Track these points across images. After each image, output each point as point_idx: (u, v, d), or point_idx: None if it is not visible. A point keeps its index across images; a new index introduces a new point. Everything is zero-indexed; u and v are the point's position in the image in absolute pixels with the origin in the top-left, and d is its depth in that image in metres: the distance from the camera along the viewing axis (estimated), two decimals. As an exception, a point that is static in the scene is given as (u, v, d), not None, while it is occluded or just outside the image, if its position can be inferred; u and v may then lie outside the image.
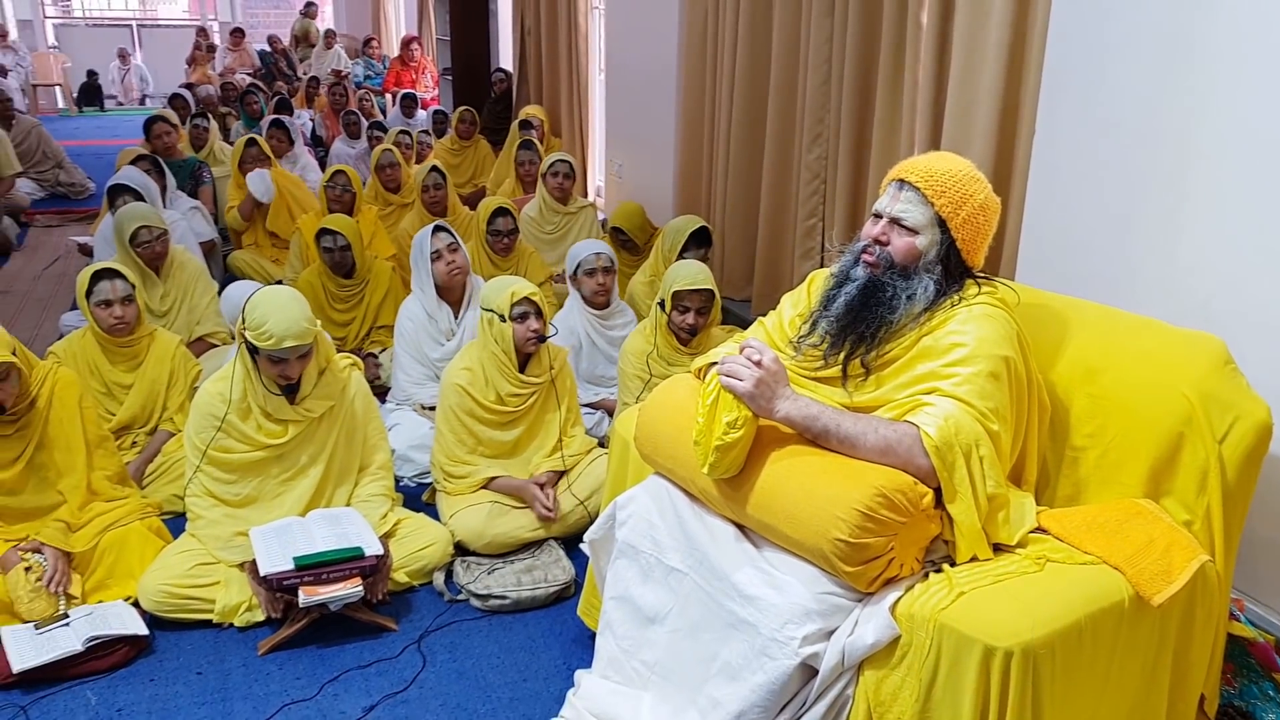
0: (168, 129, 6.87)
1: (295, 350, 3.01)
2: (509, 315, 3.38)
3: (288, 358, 3.02)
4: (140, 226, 4.39)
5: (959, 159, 2.25)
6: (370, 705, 2.71)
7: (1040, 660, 1.82)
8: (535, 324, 3.41)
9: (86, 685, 2.77)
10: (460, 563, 3.29)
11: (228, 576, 3.05)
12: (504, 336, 3.41)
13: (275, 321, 2.96)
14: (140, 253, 4.40)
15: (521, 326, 3.39)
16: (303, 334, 2.99)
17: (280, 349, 2.98)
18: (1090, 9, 2.69)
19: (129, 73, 16.02)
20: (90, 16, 18.32)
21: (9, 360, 2.92)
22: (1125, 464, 2.23)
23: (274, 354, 3.00)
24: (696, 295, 3.74)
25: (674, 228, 4.72)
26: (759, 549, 2.18)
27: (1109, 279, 2.69)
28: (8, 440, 3.04)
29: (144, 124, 6.94)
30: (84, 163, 9.46)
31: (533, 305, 3.41)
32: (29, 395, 3.05)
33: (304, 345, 3.02)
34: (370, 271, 4.97)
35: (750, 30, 5.04)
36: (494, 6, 10.30)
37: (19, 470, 3.07)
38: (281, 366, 3.04)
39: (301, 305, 3.05)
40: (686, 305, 3.74)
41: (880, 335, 2.21)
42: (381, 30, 15.33)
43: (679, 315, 3.75)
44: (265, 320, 2.97)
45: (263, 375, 3.09)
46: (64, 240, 7.35)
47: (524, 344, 3.42)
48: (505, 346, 3.42)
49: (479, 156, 8.18)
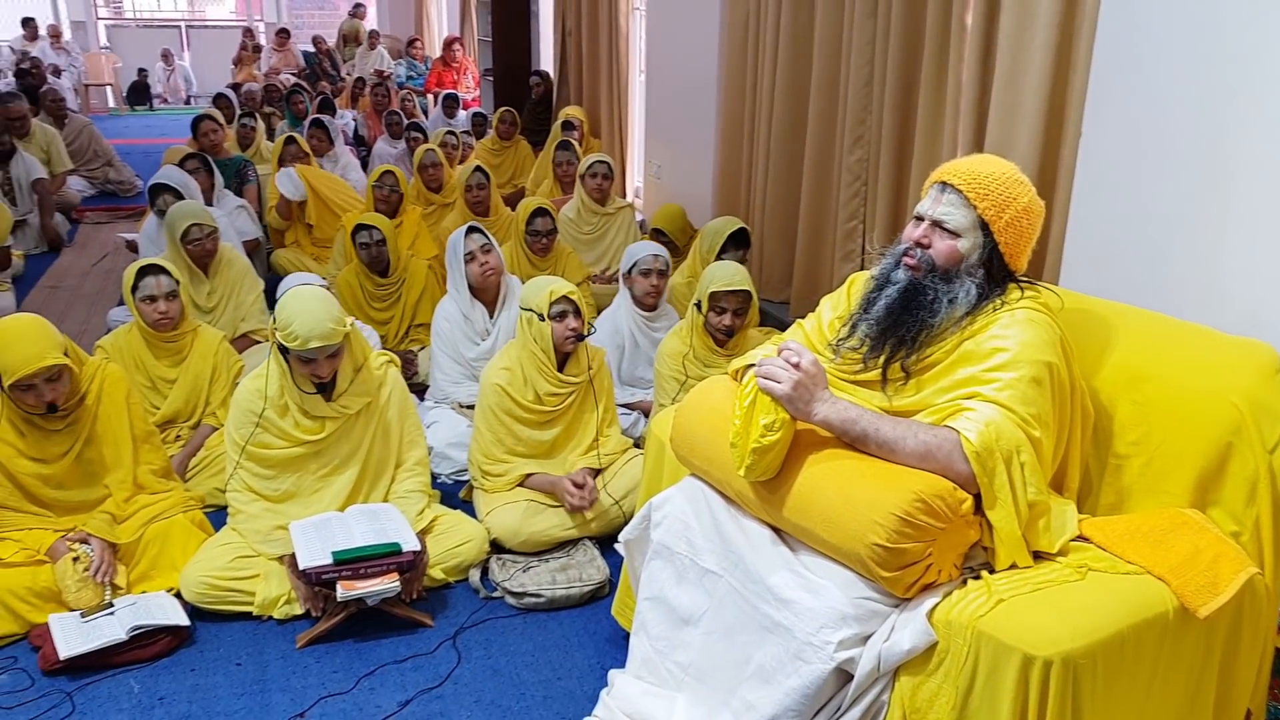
0: (214, 127, 6.95)
1: (322, 350, 3.03)
2: (548, 314, 3.39)
3: (315, 358, 3.04)
4: (192, 224, 4.45)
5: (1003, 162, 2.22)
6: (405, 700, 2.73)
7: (1081, 671, 1.79)
8: (574, 323, 3.41)
9: (130, 674, 2.80)
10: (496, 560, 3.30)
11: (267, 570, 3.07)
12: (543, 335, 3.42)
13: (300, 323, 2.98)
14: (190, 250, 4.46)
15: (560, 325, 3.40)
16: (327, 335, 3.00)
17: (306, 350, 3.00)
18: (1140, 9, 2.66)
19: (173, 73, 16.22)
20: (140, 18, 18.57)
21: (61, 361, 2.96)
22: (1171, 473, 2.20)
23: (302, 354, 3.02)
24: (734, 296, 3.73)
25: (712, 229, 4.71)
26: (795, 552, 2.16)
27: (1154, 284, 2.66)
28: (57, 435, 3.09)
29: (191, 123, 7.04)
30: (133, 161, 9.58)
31: (571, 304, 3.42)
32: (79, 393, 3.09)
33: (330, 346, 3.04)
34: (406, 270, 5.00)
35: (792, 31, 5.02)
36: (535, 8, 10.33)
37: (67, 464, 3.11)
38: (311, 366, 3.06)
39: (328, 306, 3.06)
40: (723, 306, 3.73)
41: (921, 339, 2.18)
42: (424, 31, 15.42)
43: (716, 316, 3.74)
44: (291, 321, 2.99)
45: (295, 374, 3.12)
46: (112, 237, 7.44)
47: (562, 343, 3.43)
48: (544, 345, 3.43)
49: (519, 157, 8.21)
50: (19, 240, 6.82)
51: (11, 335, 2.93)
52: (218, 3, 19.69)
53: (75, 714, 2.65)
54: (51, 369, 2.93)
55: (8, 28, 15.25)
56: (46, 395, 2.96)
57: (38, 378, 2.91)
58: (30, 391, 2.94)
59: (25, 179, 7.12)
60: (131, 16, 18.56)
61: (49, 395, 2.96)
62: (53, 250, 7.21)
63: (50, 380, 2.95)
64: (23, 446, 3.05)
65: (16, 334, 2.94)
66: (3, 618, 2.89)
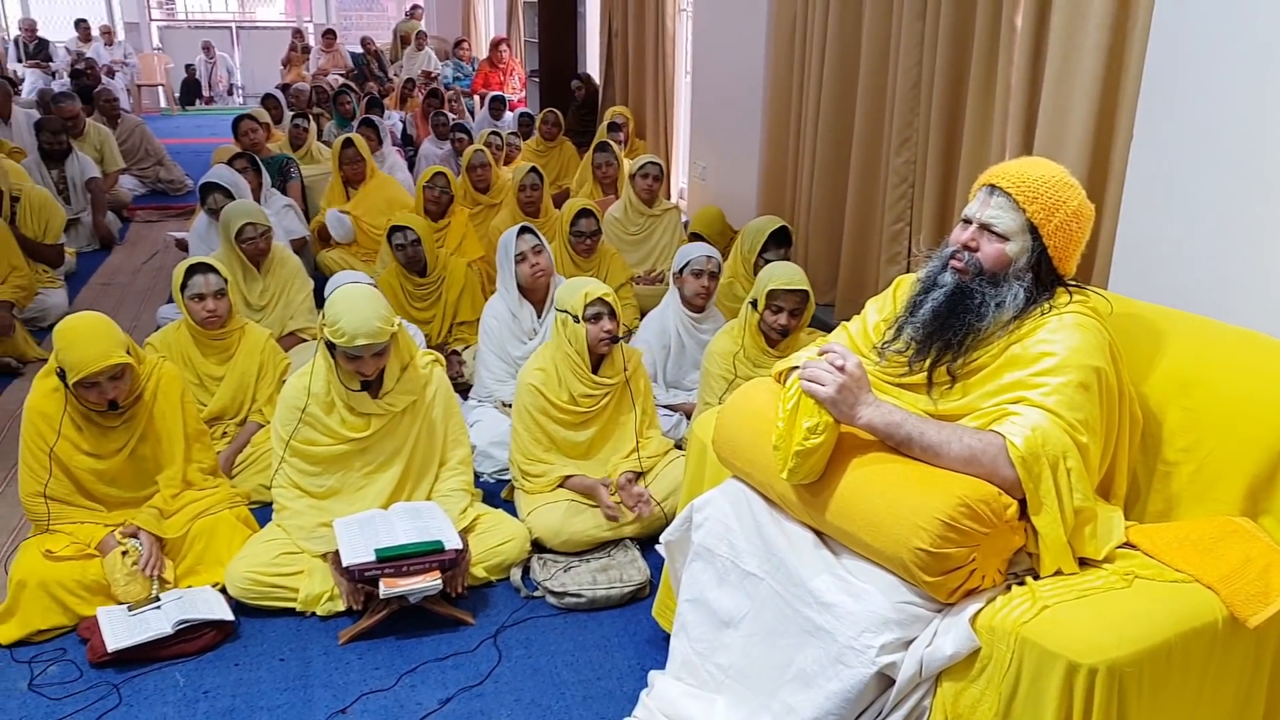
0: (254, 126, 7.03)
1: (368, 348, 3.05)
2: (582, 316, 3.39)
3: (362, 355, 3.06)
4: (246, 223, 4.50)
5: (1052, 164, 2.20)
6: (446, 698, 2.74)
7: (1126, 679, 1.77)
8: (608, 325, 3.42)
9: (175, 667, 2.84)
10: (537, 559, 3.31)
11: (311, 566, 3.10)
12: (577, 337, 3.42)
13: (348, 320, 3.01)
14: (245, 249, 4.52)
15: (594, 327, 3.41)
16: (374, 333, 3.02)
17: (352, 347, 3.02)
18: (1194, 10, 2.62)
19: (215, 65, 16.38)
20: (192, 19, 18.82)
21: (125, 360, 3.01)
22: (1221, 480, 2.16)
23: (348, 351, 3.04)
24: (792, 296, 3.71)
25: (754, 228, 4.69)
26: (837, 556, 2.15)
27: (1206, 289, 2.62)
28: (113, 432, 3.14)
29: (231, 123, 7.13)
30: (183, 160, 9.71)
31: (606, 306, 3.42)
32: (138, 390, 3.14)
33: (377, 344, 3.06)
34: (444, 269, 5.03)
35: (839, 32, 4.99)
36: (582, 9, 10.36)
37: (121, 460, 3.16)
38: (357, 364, 3.08)
39: (376, 304, 3.09)
40: (781, 305, 3.71)
41: (967, 343, 2.17)
42: (471, 32, 15.50)
43: (772, 315, 3.73)
44: (339, 318, 3.02)
45: (341, 371, 3.14)
46: (162, 235, 7.55)
47: (596, 344, 3.44)
48: (579, 347, 3.44)
49: (563, 158, 8.23)
50: (72, 238, 6.94)
51: (78, 334, 2.98)
52: (268, 4, 19.90)
53: (122, 705, 2.69)
54: (115, 368, 2.98)
55: (65, 29, 15.49)
56: (109, 393, 3.01)
57: (102, 376, 2.96)
58: (93, 389, 2.98)
59: (79, 178, 7.24)
60: (183, 18, 18.82)
61: (111, 393, 3.01)
62: (104, 248, 7.33)
63: (113, 378, 3.00)
64: (80, 442, 3.10)
65: (84, 332, 2.99)
66: (52, 610, 2.94)
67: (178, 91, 15.97)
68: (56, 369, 3.00)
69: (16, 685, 2.76)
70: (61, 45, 15.02)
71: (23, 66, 14.20)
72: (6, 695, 2.72)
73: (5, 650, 2.89)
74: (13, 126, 8.28)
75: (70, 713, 2.65)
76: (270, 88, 10.73)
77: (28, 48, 14.64)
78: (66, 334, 2.99)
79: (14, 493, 3.63)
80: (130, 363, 3.04)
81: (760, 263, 4.50)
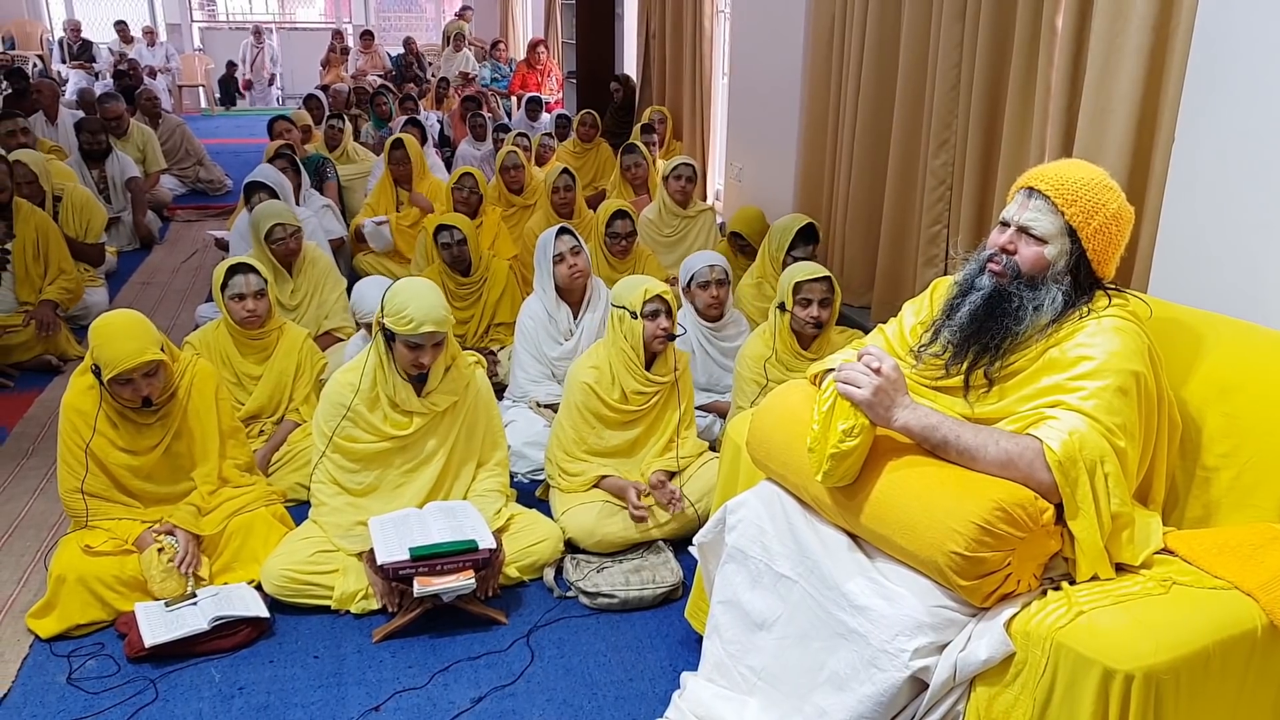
0: (288, 127, 7.11)
1: (432, 337, 3.08)
2: (640, 312, 3.40)
3: (424, 344, 3.09)
4: (275, 224, 4.53)
5: (1091, 167, 2.17)
6: (479, 697, 2.75)
7: (1163, 686, 1.75)
8: (665, 322, 3.43)
9: (211, 663, 2.87)
10: (570, 560, 3.32)
11: (346, 564, 3.12)
12: (633, 333, 3.43)
13: (416, 307, 3.04)
14: (274, 249, 4.55)
15: (652, 324, 3.42)
16: (441, 321, 3.07)
17: (418, 334, 3.05)
18: (1238, 12, 2.58)
19: (261, 52, 16.36)
20: (233, 20, 19.02)
21: (159, 357, 3.04)
22: (1261, 486, 2.13)
23: (411, 339, 3.07)
24: (817, 285, 3.70)
25: (780, 226, 4.68)
26: (871, 559, 2.14)
27: (1247, 294, 2.58)
28: (148, 429, 3.18)
29: (267, 124, 7.19)
30: (222, 160, 9.80)
31: (664, 304, 3.44)
32: (172, 388, 3.18)
33: (440, 333, 3.09)
34: (488, 269, 5.05)
35: (878, 35, 4.97)
36: (620, 10, 10.36)
37: (156, 457, 3.20)
38: (417, 353, 3.11)
39: (439, 295, 3.14)
40: (808, 298, 3.70)
41: (1005, 346, 2.15)
42: (509, 33, 15.55)
43: (802, 310, 3.71)
44: (406, 306, 3.05)
45: (397, 363, 3.17)
46: (202, 234, 7.63)
47: (652, 341, 3.44)
48: (634, 343, 3.44)
49: (600, 159, 8.24)
50: (113, 237, 7.03)
51: (113, 331, 3.02)
52: (308, 5, 20.07)
53: (159, 700, 2.72)
54: (149, 364, 3.02)
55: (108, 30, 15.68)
56: (143, 389, 3.04)
57: (136, 373, 3.00)
58: (128, 385, 3.02)
59: (120, 178, 7.33)
60: (225, 19, 19.01)
61: (145, 389, 3.05)
62: (144, 247, 7.42)
63: (147, 375, 3.04)
64: (116, 439, 3.14)
65: (118, 330, 3.03)
66: (91, 605, 2.98)
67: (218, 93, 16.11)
68: (92, 366, 3.04)
69: (55, 679, 2.80)
70: (105, 46, 15.21)
71: (67, 67, 14.40)
72: (45, 689, 2.76)
73: (44, 644, 2.93)
74: (59, 127, 8.40)
75: (107, 707, 2.69)
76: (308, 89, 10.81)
77: (72, 49, 14.84)
78: (102, 331, 3.03)
79: (54, 489, 3.69)
80: (164, 360, 3.07)
81: (788, 261, 4.49)
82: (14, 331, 4.97)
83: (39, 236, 5.27)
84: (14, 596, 3.14)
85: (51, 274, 5.30)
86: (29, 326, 4.98)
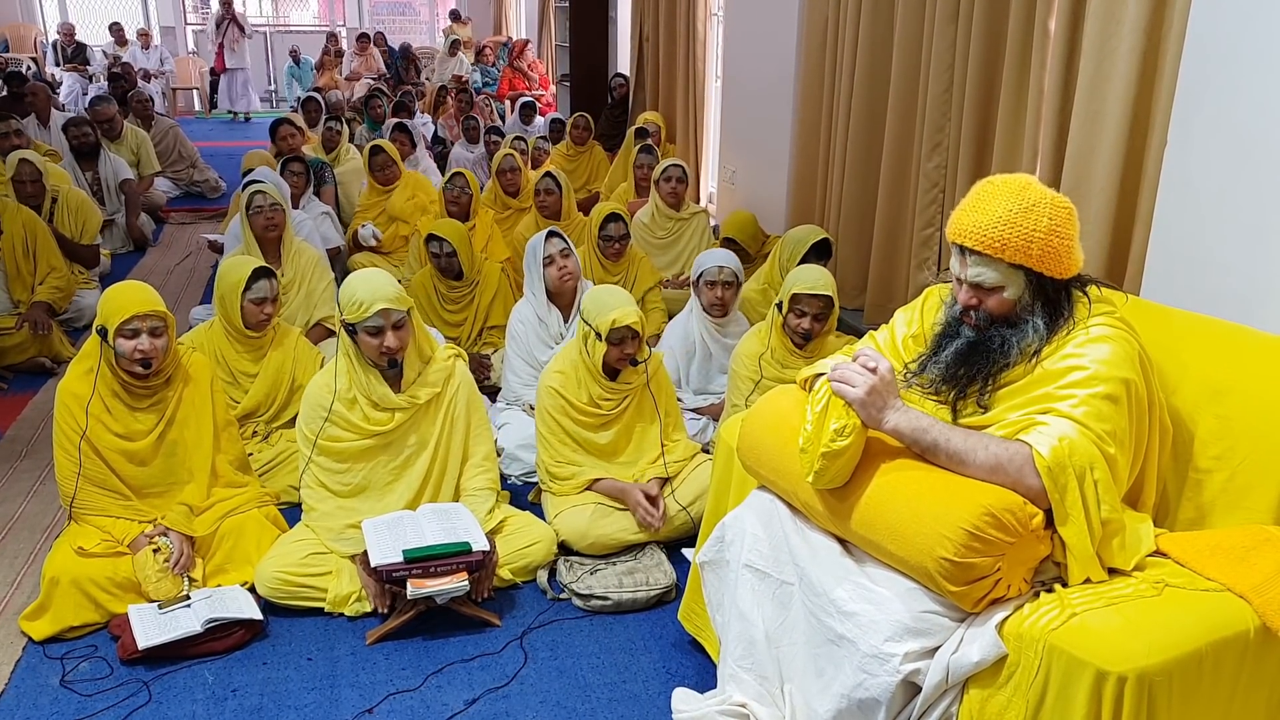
0: (292, 131, 7.10)
1: (388, 315, 3.07)
2: (605, 337, 3.39)
3: (383, 325, 3.08)
4: (255, 192, 4.59)
5: (1003, 189, 2.09)
6: (472, 699, 2.75)
7: (1156, 688, 1.75)
8: (630, 349, 3.42)
9: (205, 665, 2.86)
10: (563, 562, 3.32)
11: (339, 567, 3.12)
12: (596, 352, 3.43)
13: (365, 291, 3.06)
14: (253, 220, 4.59)
15: (615, 349, 3.41)
16: (391, 298, 3.07)
17: (373, 314, 3.05)
18: (1230, 14, 2.59)
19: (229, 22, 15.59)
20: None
21: (167, 314, 3.10)
22: (1254, 488, 2.14)
23: (369, 324, 3.07)
24: (815, 300, 3.70)
25: (795, 238, 4.67)
26: (860, 564, 2.14)
27: (1240, 296, 2.59)
28: (143, 413, 3.18)
29: (269, 127, 7.18)
30: (215, 163, 9.78)
31: (631, 332, 3.39)
32: (173, 359, 3.20)
33: (396, 311, 3.09)
34: (479, 273, 5.04)
35: (871, 38, 4.98)
36: (614, 14, 10.38)
37: (150, 442, 3.18)
38: (380, 338, 3.09)
39: (387, 276, 3.18)
40: (804, 310, 3.70)
41: (997, 378, 2.15)
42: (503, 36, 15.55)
43: (795, 319, 3.72)
44: (355, 292, 3.07)
45: (366, 355, 3.16)
46: (195, 237, 7.62)
47: (615, 363, 3.45)
48: (596, 361, 3.44)
49: (593, 162, 8.25)
50: (106, 239, 7.00)
51: (124, 287, 3.17)
52: (302, 8, 20.04)
53: (152, 703, 2.71)
54: (158, 316, 3.06)
55: (102, 33, 15.64)
56: (145, 346, 3.05)
57: (145, 321, 3.03)
58: (133, 339, 3.03)
59: (113, 180, 7.32)
60: (219, 22, 18.96)
61: (147, 347, 3.05)
62: (138, 249, 7.41)
63: (152, 335, 3.06)
64: (110, 423, 3.13)
65: (129, 286, 3.17)
66: (84, 606, 2.97)
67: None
68: (98, 328, 3.07)
69: (48, 681, 2.79)
70: (99, 49, 15.16)
71: (60, 70, 14.36)
72: (39, 691, 2.75)
73: (37, 646, 2.92)
74: (51, 130, 8.39)
75: (101, 709, 2.68)
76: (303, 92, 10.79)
77: (66, 52, 14.80)
78: (112, 290, 3.13)
79: (47, 491, 3.70)
80: (172, 321, 3.14)
81: (798, 271, 4.49)
82: (8, 334, 4.96)
83: (27, 233, 5.30)
84: (7, 599, 3.14)
85: (42, 271, 5.30)
86: (22, 329, 4.97)
